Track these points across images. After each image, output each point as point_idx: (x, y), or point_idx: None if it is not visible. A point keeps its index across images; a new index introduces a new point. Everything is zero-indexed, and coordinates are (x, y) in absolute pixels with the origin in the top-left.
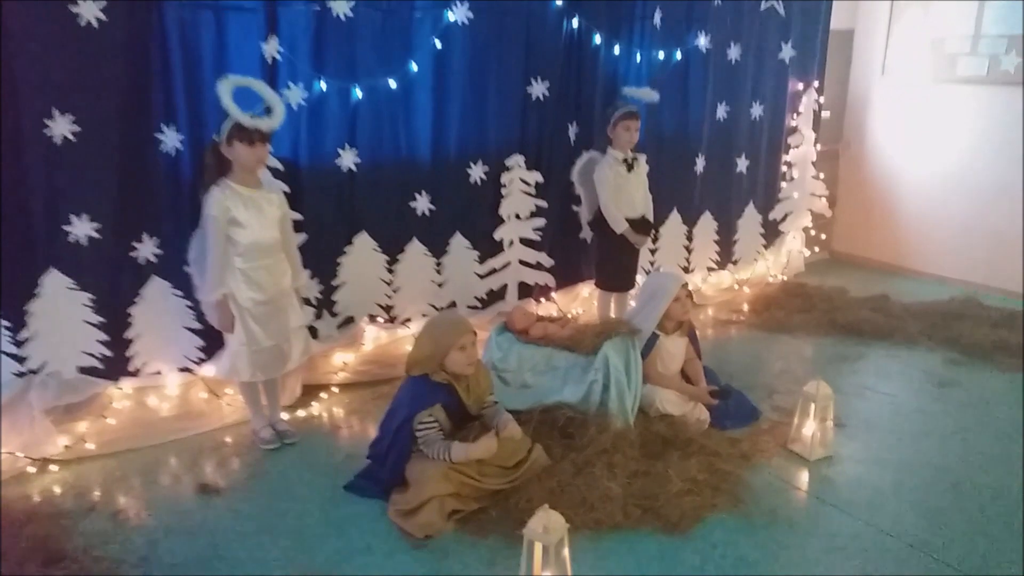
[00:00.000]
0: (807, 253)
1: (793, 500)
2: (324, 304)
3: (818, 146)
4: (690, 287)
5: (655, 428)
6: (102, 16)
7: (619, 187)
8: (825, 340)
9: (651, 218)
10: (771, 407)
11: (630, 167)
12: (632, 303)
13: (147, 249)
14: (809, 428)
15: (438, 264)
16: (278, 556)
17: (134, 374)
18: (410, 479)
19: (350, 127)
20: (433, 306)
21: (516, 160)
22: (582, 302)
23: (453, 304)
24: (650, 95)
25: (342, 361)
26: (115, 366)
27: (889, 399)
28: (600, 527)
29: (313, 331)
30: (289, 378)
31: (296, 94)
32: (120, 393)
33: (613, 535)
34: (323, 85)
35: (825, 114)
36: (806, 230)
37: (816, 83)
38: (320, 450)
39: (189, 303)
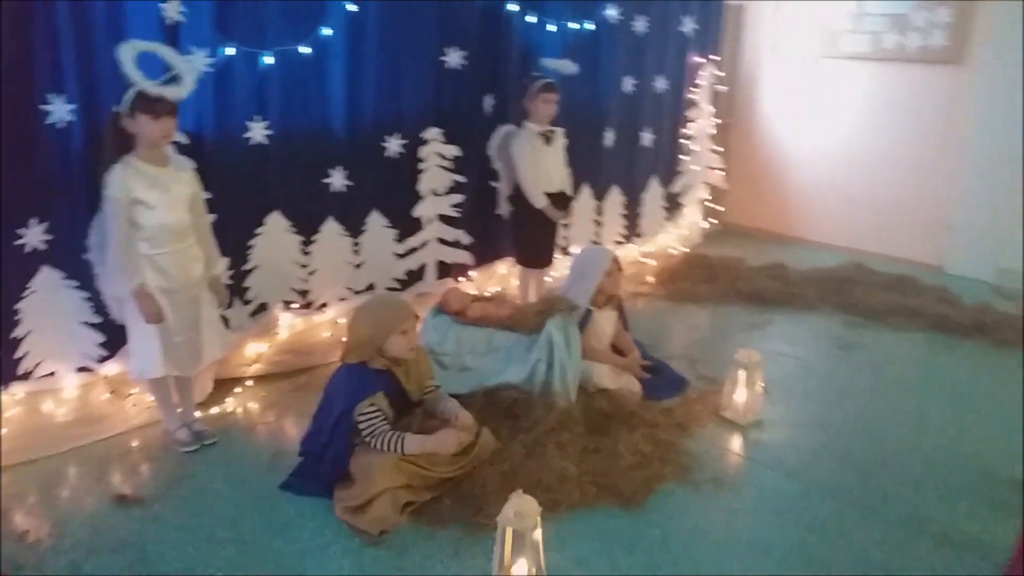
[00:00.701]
0: (705, 225)
1: (734, 465)
2: (235, 291)
3: (716, 120)
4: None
5: (597, 404)
6: None
7: (537, 161)
8: (732, 308)
9: (570, 193)
10: (696, 376)
11: (548, 141)
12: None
13: (35, 236)
14: (740, 395)
15: (355, 244)
16: (223, 565)
17: (25, 377)
18: (355, 473)
19: (260, 97)
20: (351, 289)
21: (433, 133)
22: (499, 280)
23: (371, 287)
24: (569, 67)
25: (255, 352)
26: (3, 369)
27: (801, 363)
28: (558, 508)
29: (224, 321)
30: (200, 373)
31: (200, 60)
32: (10, 399)
33: (572, 515)
34: (230, 51)
35: (721, 88)
36: (703, 202)
37: (714, 57)
38: (244, 449)
39: (86, 295)
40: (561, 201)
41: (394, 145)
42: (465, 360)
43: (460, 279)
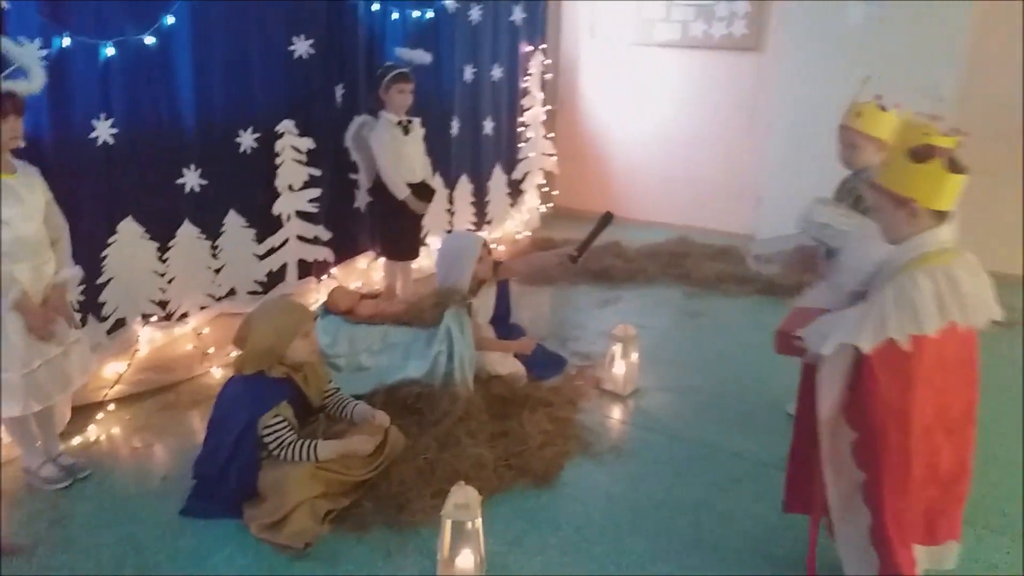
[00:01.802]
0: (543, 209)
1: (625, 433)
2: (89, 307)
3: (550, 107)
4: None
5: (495, 390)
6: None
7: (398, 152)
8: (584, 287)
9: (431, 182)
10: (570, 353)
11: (406, 130)
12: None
13: None
14: (619, 367)
15: (214, 247)
16: None
17: None
18: (265, 489)
19: (103, 93)
20: (212, 296)
21: (286, 126)
22: (360, 275)
23: (232, 292)
24: (423, 57)
25: (115, 372)
26: None
27: (658, 332)
28: (479, 495)
29: None
30: (59, 400)
31: (32, 52)
32: None
33: (493, 500)
34: (65, 42)
35: (548, 76)
36: (540, 187)
37: (543, 45)
38: (125, 478)
39: None
40: (424, 191)
41: (248, 139)
42: (361, 359)
43: (321, 277)
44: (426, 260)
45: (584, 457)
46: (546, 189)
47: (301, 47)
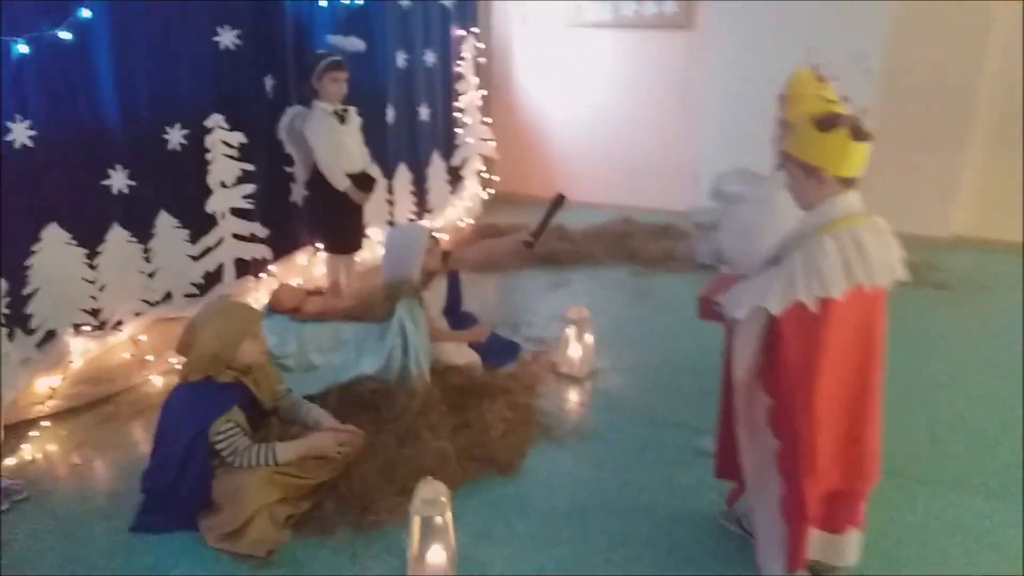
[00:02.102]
0: (484, 195)
1: (585, 416)
2: (15, 320)
3: (485, 91)
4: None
5: (452, 381)
6: None
7: (335, 142)
8: (532, 272)
9: (371, 172)
10: (523, 339)
11: (343, 119)
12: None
13: None
14: (575, 350)
15: (145, 250)
16: None
17: None
18: (221, 498)
19: (18, 93)
20: (147, 302)
21: (216, 120)
22: (300, 271)
23: (168, 296)
24: (356, 44)
25: (48, 387)
26: None
27: (609, 313)
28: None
29: None
30: None
31: None
32: None
33: (459, 493)
34: None
35: (482, 60)
36: (479, 173)
37: (474, 29)
38: (66, 498)
39: None
40: (364, 181)
41: (176, 136)
42: (311, 358)
43: (260, 276)
44: (367, 253)
45: (546, 442)
46: (486, 175)
47: (227, 38)
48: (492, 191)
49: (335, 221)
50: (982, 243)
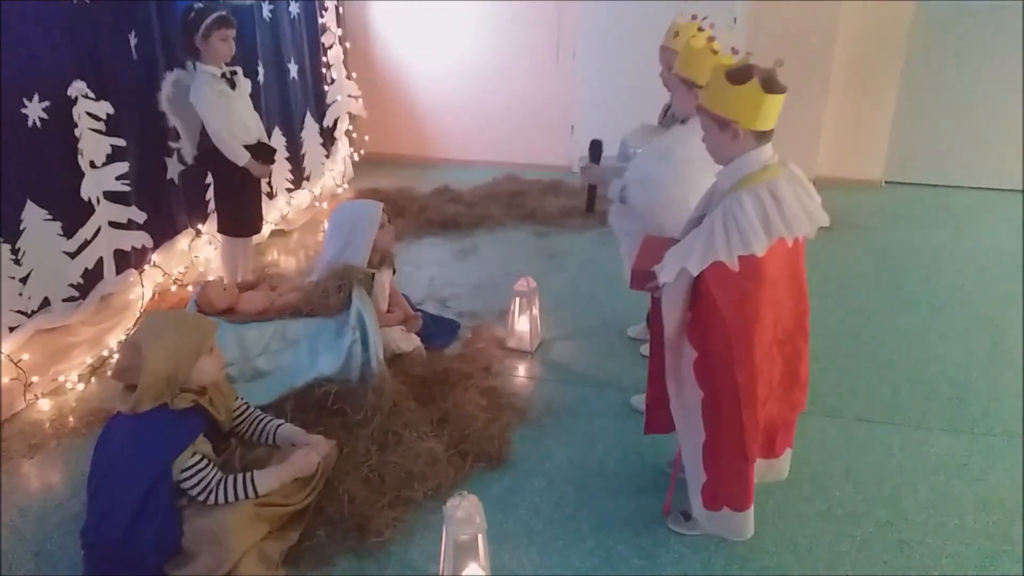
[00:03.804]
0: (355, 158)
1: (553, 392)
2: None
3: (347, 44)
4: (279, 214)
5: (413, 372)
6: None
7: (228, 109)
8: (434, 240)
9: (268, 141)
10: (456, 314)
11: (232, 83)
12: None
13: None
14: (524, 324)
15: (15, 251)
16: None
17: None
18: (195, 543)
19: None
20: (21, 312)
21: (78, 88)
22: (181, 258)
23: (46, 302)
24: None
25: None
26: None
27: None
28: (441, 492)
29: None
30: None
31: None
32: None
33: (453, 492)
34: None
35: (341, 9)
36: (348, 133)
37: None
38: None
39: None
40: (263, 152)
41: (35, 110)
42: (258, 364)
43: (143, 268)
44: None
45: (525, 426)
46: (355, 135)
47: None
48: (363, 152)
49: (233, 200)
50: (841, 183)
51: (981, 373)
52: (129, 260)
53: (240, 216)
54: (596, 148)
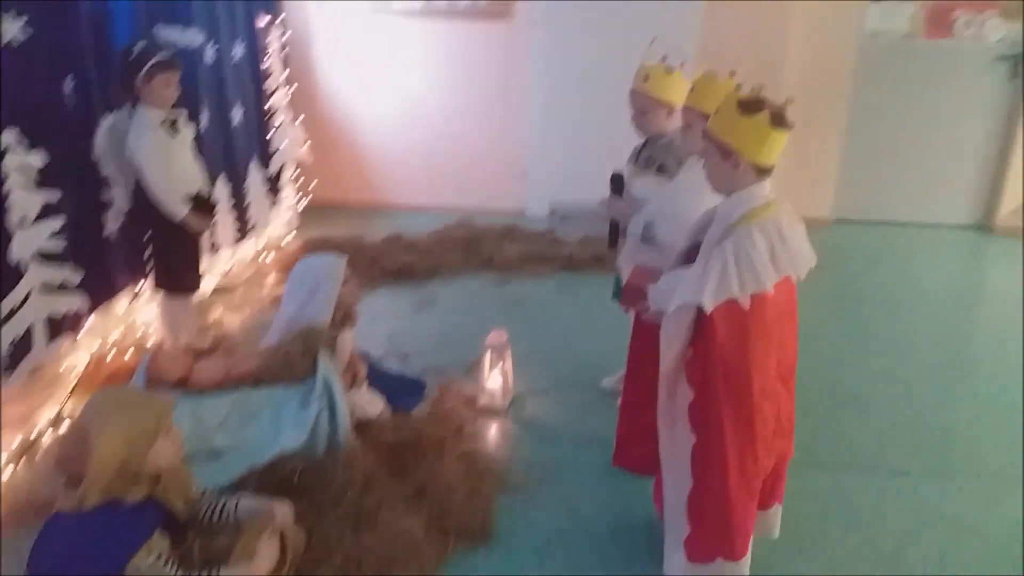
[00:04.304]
0: (301, 206)
1: (532, 454)
2: None
3: (291, 87)
4: (222, 269)
5: (383, 439)
6: None
7: (168, 157)
8: (390, 290)
9: (210, 191)
10: (420, 371)
11: (174, 129)
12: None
13: None
14: (495, 380)
15: None
16: None
17: None
18: None
19: None
20: None
21: (10, 137)
22: (121, 321)
23: None
24: (192, 37)
25: None
26: None
27: (490, 329)
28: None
29: None
30: None
31: None
32: None
33: None
34: None
35: (287, 52)
36: (292, 179)
37: (280, 15)
38: None
39: None
40: (203, 205)
41: None
42: (215, 441)
43: (77, 335)
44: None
45: (507, 495)
46: (300, 181)
47: (11, 28)
48: (309, 199)
49: (171, 254)
50: None
51: (957, 415)
52: (62, 326)
53: (178, 272)
54: (618, 181)
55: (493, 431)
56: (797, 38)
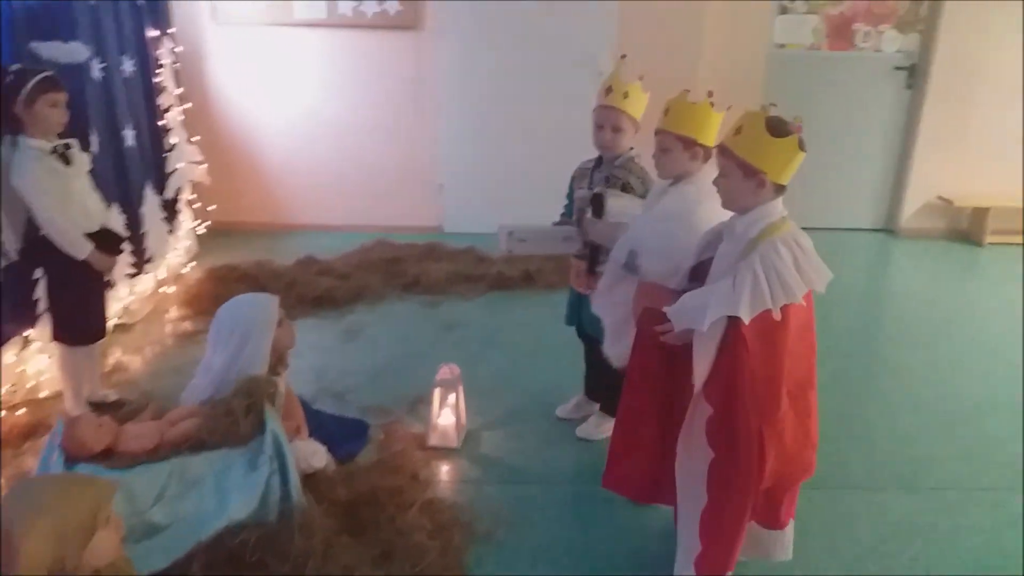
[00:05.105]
0: (201, 230)
1: (494, 497)
2: None
3: (186, 105)
4: (120, 306)
5: (336, 496)
6: None
7: (63, 191)
8: (312, 321)
9: (114, 227)
10: (359, 411)
11: (66, 159)
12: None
13: None
14: (447, 417)
15: None
16: None
17: None
18: None
19: None
20: None
21: None
22: (8, 375)
23: None
24: (78, 53)
25: None
26: None
27: (431, 357)
28: None
29: None
30: None
31: None
32: None
33: None
34: None
35: (179, 67)
36: (190, 203)
37: (170, 30)
38: None
39: None
40: (108, 240)
41: None
42: (152, 517)
43: None
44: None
45: (478, 546)
46: (198, 205)
47: None
48: (208, 223)
49: (71, 301)
50: None
51: (910, 422)
52: None
53: (80, 319)
54: (599, 201)
55: (451, 474)
56: (712, 48)
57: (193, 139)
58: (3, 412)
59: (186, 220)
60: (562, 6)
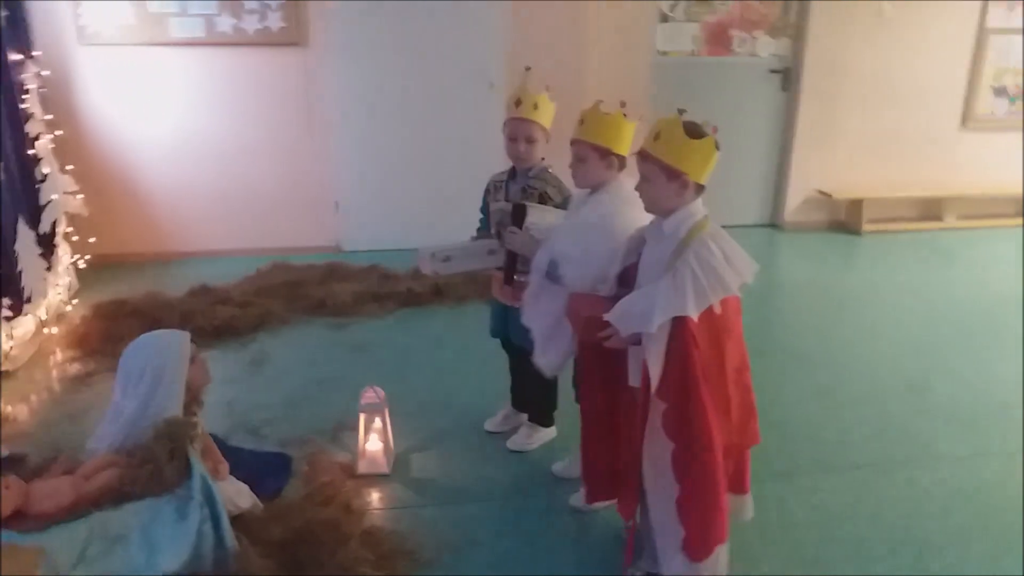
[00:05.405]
0: (81, 264)
1: (434, 523)
2: None
3: (57, 132)
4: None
5: (271, 538)
6: None
7: None
8: (213, 352)
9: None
10: (278, 444)
11: None
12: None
13: None
14: (375, 442)
15: None
16: None
17: None
18: None
19: None
20: None
21: None
22: None
23: None
24: None
25: None
26: None
27: (346, 382)
28: None
29: None
30: None
31: None
32: None
33: None
34: None
35: (45, 91)
36: (67, 236)
37: (35, 53)
38: None
39: None
40: None
41: None
42: None
43: None
44: None
45: (423, 573)
46: (76, 238)
47: None
48: (88, 257)
49: None
50: None
51: (816, 407)
52: None
53: None
54: (519, 212)
55: (386, 501)
56: (598, 57)
57: (67, 168)
58: None
59: (65, 255)
60: (451, 18)
